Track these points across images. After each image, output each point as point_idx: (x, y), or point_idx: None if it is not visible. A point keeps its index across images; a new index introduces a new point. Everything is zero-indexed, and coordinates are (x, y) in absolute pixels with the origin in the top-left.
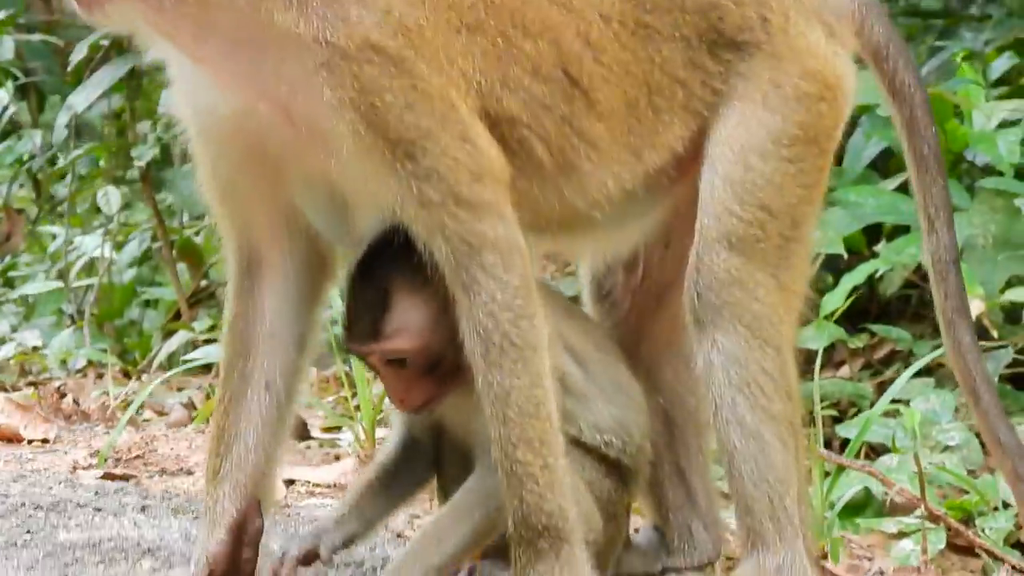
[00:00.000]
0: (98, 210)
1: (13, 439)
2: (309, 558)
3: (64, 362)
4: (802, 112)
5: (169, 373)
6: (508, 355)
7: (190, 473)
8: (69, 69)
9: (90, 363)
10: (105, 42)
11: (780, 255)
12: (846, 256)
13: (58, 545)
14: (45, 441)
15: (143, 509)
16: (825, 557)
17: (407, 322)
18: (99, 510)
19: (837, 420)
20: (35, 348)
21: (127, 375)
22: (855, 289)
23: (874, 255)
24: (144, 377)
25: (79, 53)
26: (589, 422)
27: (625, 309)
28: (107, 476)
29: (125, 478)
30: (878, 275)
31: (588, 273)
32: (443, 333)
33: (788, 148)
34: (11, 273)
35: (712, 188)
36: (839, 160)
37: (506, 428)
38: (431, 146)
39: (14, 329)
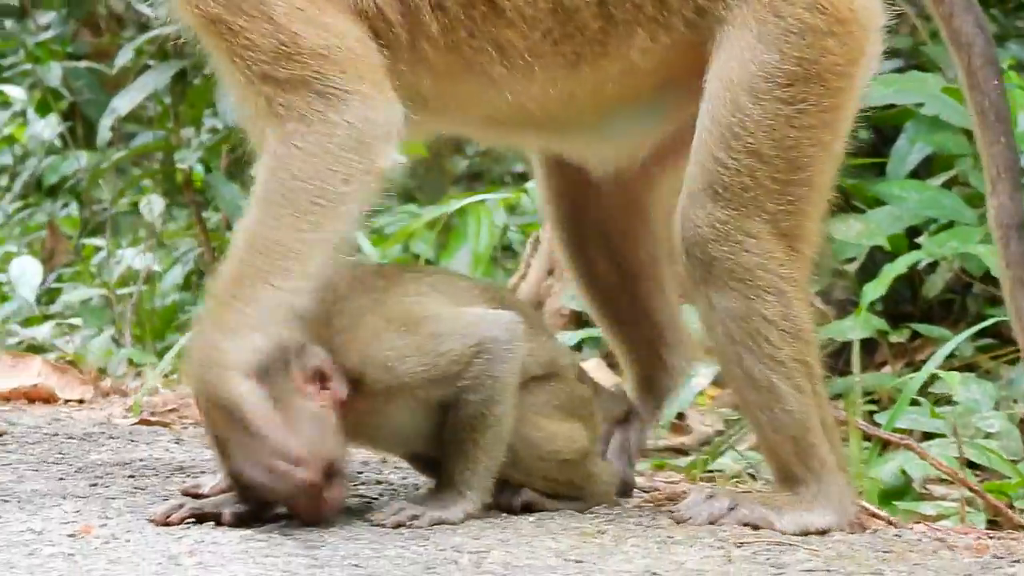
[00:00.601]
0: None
1: (50, 399)
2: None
3: (103, 371)
4: (803, 47)
5: None
6: (268, 207)
7: None
8: (114, 71)
9: (131, 363)
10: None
11: (777, 201)
12: (888, 249)
13: (89, 463)
14: (81, 401)
15: (177, 442)
16: (860, 494)
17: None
18: (132, 440)
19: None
20: (76, 356)
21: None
22: (896, 285)
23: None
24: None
25: (123, 58)
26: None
27: None
28: (142, 422)
29: (160, 424)
30: (920, 266)
31: None
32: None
33: (784, 88)
34: (55, 285)
35: (701, 130)
36: (880, 156)
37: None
38: (224, 30)
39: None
